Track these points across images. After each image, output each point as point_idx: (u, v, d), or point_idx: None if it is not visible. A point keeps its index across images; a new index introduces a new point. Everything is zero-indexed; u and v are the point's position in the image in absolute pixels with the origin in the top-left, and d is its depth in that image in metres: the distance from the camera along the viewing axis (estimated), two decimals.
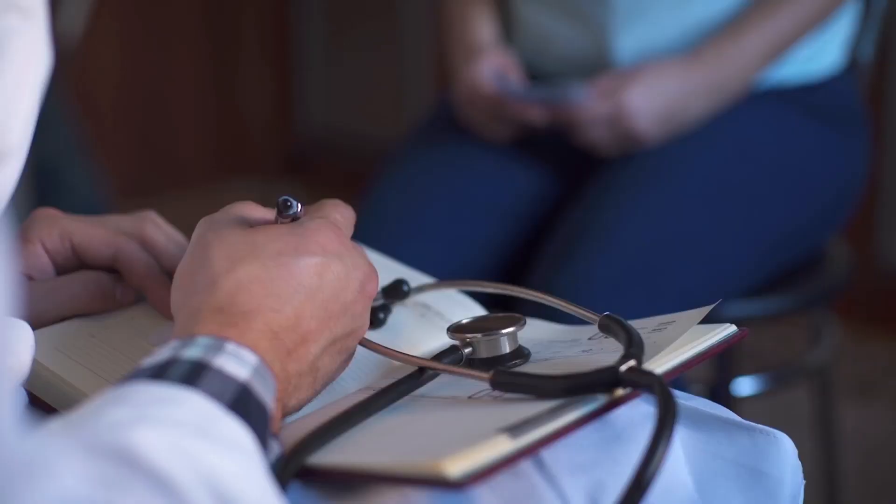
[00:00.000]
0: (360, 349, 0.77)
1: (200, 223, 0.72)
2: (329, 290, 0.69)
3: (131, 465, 0.54)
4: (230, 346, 0.63)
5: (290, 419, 0.73)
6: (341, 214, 0.75)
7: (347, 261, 0.71)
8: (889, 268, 2.55)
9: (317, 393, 0.71)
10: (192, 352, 0.62)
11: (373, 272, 0.73)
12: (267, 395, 0.63)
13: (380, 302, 0.84)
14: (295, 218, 0.73)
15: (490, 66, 1.48)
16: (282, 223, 0.72)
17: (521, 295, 0.82)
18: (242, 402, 0.61)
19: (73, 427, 0.56)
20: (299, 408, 0.70)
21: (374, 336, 0.78)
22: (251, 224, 0.73)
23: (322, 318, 0.69)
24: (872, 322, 2.55)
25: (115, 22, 3.23)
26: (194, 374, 0.61)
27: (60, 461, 0.52)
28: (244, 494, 0.56)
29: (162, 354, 0.63)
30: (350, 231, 0.75)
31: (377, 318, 0.82)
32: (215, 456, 0.56)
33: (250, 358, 0.64)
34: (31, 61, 0.57)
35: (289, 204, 0.72)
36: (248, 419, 0.61)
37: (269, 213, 0.75)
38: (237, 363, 0.63)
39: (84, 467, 0.53)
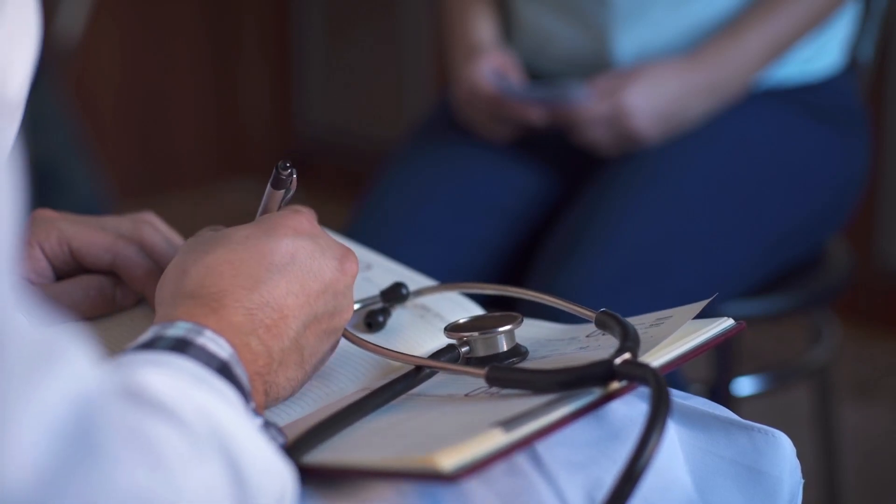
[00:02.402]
0: (357, 350, 0.76)
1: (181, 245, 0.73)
2: (305, 268, 0.70)
3: (141, 397, 0.55)
4: (209, 333, 0.64)
5: (288, 419, 0.73)
6: (306, 209, 0.75)
7: (321, 241, 0.72)
8: (889, 268, 2.55)
9: (307, 375, 0.71)
10: (174, 331, 0.64)
11: (349, 252, 0.73)
12: (244, 379, 0.64)
13: (379, 305, 0.84)
14: (287, 187, 0.74)
15: (490, 65, 1.48)
16: (273, 193, 0.74)
17: (520, 295, 0.82)
18: (226, 376, 0.63)
19: None
20: (290, 389, 0.70)
21: (372, 338, 0.78)
22: None
23: (300, 295, 0.69)
24: (872, 322, 2.55)
25: (115, 22, 3.23)
26: (180, 346, 0.62)
27: (80, 355, 0.51)
28: (240, 437, 0.58)
29: (145, 336, 0.64)
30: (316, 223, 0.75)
31: (377, 321, 0.82)
32: (212, 398, 0.58)
33: (226, 347, 0.64)
34: (25, 16, 0.57)
35: (287, 166, 0.74)
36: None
37: None
38: (216, 346, 0.64)
39: (104, 378, 0.53)
